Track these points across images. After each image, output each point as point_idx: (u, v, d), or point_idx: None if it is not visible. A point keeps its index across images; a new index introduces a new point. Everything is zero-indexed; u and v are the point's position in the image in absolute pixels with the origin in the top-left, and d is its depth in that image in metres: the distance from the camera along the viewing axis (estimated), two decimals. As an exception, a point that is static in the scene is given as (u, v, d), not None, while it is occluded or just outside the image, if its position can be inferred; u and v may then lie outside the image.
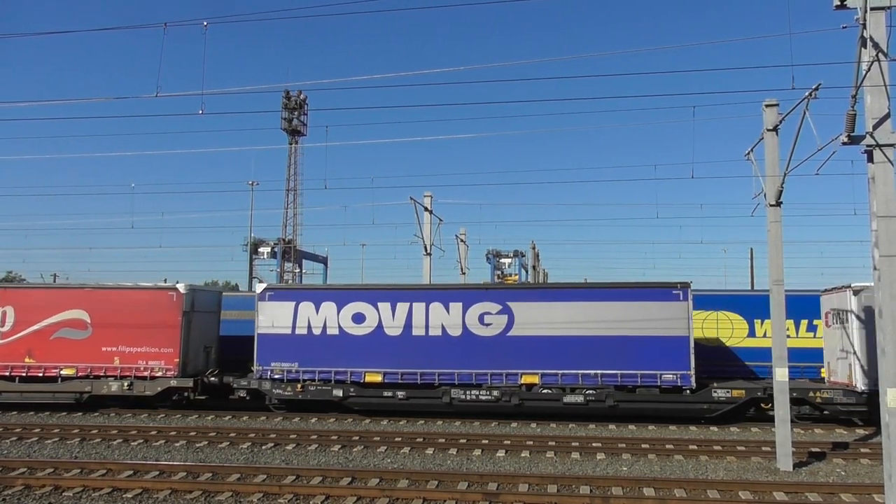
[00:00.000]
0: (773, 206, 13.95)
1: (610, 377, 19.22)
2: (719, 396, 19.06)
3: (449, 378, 19.87)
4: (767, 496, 11.58)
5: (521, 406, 19.48)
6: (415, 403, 20.05)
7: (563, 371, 19.44)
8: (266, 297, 20.97)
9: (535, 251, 52.22)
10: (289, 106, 52.19)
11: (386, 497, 11.37)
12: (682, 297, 19.23)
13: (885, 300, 9.23)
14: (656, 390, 19.09)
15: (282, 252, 49.84)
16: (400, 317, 20.38)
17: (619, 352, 19.26)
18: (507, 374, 19.70)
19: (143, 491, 11.83)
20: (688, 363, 18.91)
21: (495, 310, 20.04)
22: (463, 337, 20.06)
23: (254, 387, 20.71)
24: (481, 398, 19.60)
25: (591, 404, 19.15)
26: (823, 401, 18.73)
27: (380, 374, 20.09)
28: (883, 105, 9.37)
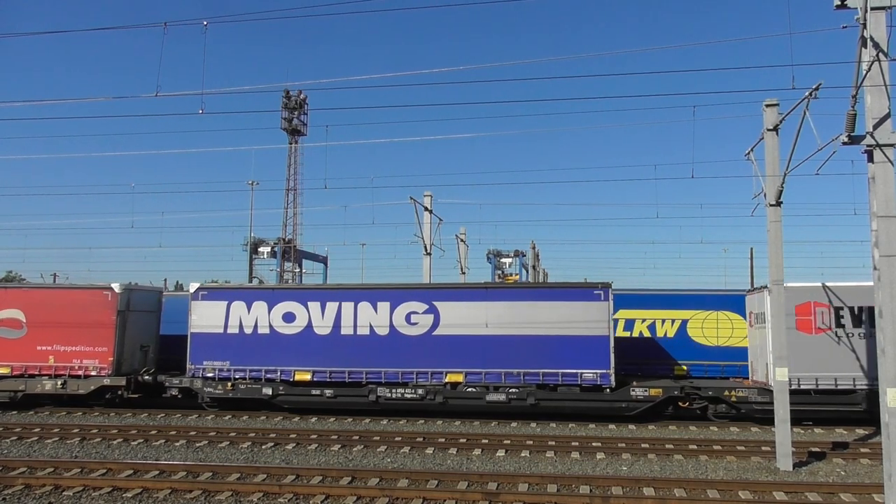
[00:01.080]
0: (773, 205, 13.95)
1: (532, 376, 19.52)
2: (637, 395, 19.34)
3: (376, 376, 20.18)
4: (767, 496, 11.59)
5: (445, 404, 19.84)
6: (342, 401, 20.39)
7: (486, 370, 19.74)
8: (199, 296, 21.29)
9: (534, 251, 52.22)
10: (289, 105, 52.14)
11: (386, 496, 11.37)
12: (603, 298, 19.52)
13: (884, 300, 9.24)
14: (577, 389, 19.40)
15: (282, 252, 49.81)
16: (329, 316, 20.69)
17: (542, 351, 19.58)
18: (433, 372, 19.97)
19: (143, 490, 11.83)
20: (608, 362, 19.22)
21: (422, 309, 20.33)
22: (390, 336, 20.35)
23: (185, 385, 21.04)
24: (406, 396, 19.90)
25: (513, 402, 19.50)
26: (739, 399, 19.13)
27: (309, 373, 20.42)
28: (883, 105, 9.37)
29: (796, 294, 18.70)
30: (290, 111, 52.36)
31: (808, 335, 18.54)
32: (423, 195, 27.84)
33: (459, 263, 35.61)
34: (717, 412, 19.62)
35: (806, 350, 18.43)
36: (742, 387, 19.37)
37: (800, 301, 18.72)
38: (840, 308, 18.49)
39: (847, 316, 18.50)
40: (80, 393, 21.16)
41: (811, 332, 18.56)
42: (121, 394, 21.38)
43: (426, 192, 27.95)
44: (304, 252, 53.30)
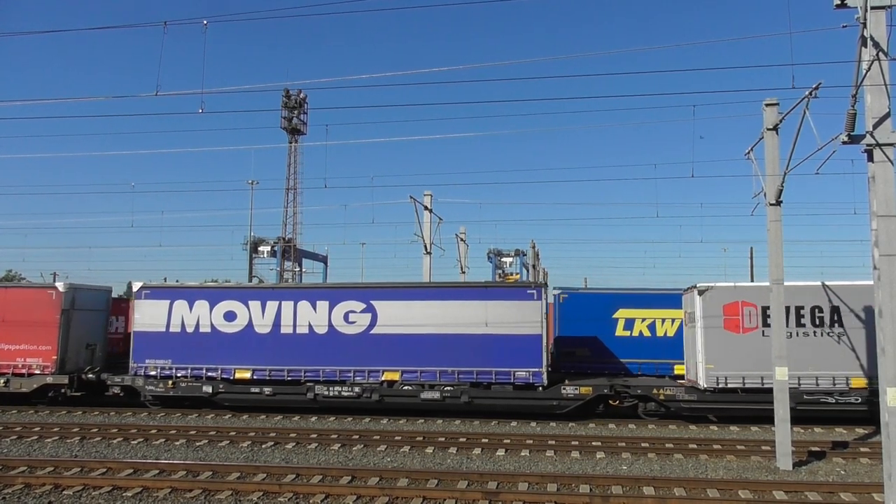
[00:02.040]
0: (773, 205, 13.95)
1: (467, 374, 19.74)
2: (568, 393, 19.55)
3: (315, 375, 20.43)
4: (767, 495, 11.59)
5: (381, 402, 20.08)
6: (281, 399, 20.58)
7: (422, 368, 19.98)
8: (142, 295, 21.52)
9: (534, 250, 52.21)
10: (288, 105, 52.06)
11: (386, 496, 11.38)
12: (537, 297, 19.76)
13: (884, 299, 9.24)
14: (510, 387, 19.58)
15: (281, 251, 49.76)
16: (269, 315, 20.94)
17: (476, 350, 19.80)
18: (370, 371, 20.23)
19: (143, 489, 11.84)
20: (540, 361, 19.44)
21: (360, 308, 20.56)
22: (329, 335, 20.58)
23: (127, 383, 21.25)
24: (343, 394, 20.14)
25: (447, 400, 19.74)
26: (667, 398, 19.33)
27: (249, 371, 20.70)
28: (883, 104, 9.37)
29: (724, 294, 19.04)
30: (289, 110, 52.28)
31: (736, 335, 18.85)
32: (423, 194, 27.84)
33: (459, 263, 35.63)
34: (646, 410, 19.90)
35: (734, 349, 18.76)
36: (670, 385, 19.64)
37: (727, 301, 18.99)
38: (767, 308, 18.69)
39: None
40: (23, 391, 21.38)
41: (739, 332, 18.87)
42: (64, 392, 21.59)
43: (426, 191, 27.95)
44: (304, 251, 53.26)
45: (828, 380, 18.41)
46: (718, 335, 18.83)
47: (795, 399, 18.06)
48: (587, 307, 23.86)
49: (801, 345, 18.50)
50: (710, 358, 18.77)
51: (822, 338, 18.57)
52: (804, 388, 18.37)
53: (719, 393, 18.78)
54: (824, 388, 18.41)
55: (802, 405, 18.27)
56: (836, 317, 18.63)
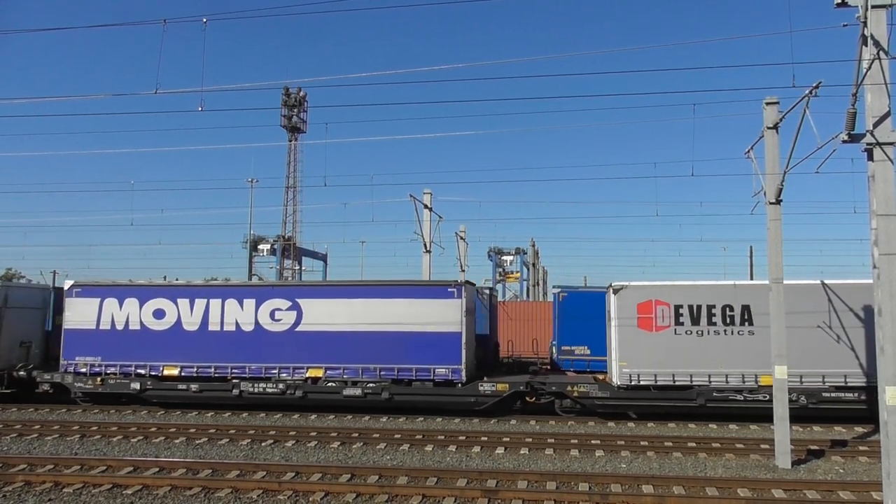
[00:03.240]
0: (772, 204, 13.96)
1: (388, 371, 20.07)
2: (485, 390, 19.82)
3: (241, 372, 20.74)
4: (766, 493, 11.61)
5: (305, 399, 20.32)
6: (207, 396, 20.85)
7: (345, 365, 20.31)
8: (73, 293, 21.74)
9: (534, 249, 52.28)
10: (288, 103, 52.08)
11: (385, 493, 11.39)
12: (457, 295, 20.09)
13: (884, 298, 9.24)
14: (430, 384, 19.90)
15: (281, 249, 49.82)
16: (198, 313, 21.19)
17: (398, 347, 20.12)
18: (295, 367, 20.53)
19: (142, 487, 11.85)
20: (459, 358, 19.79)
21: (285, 306, 20.88)
22: (255, 332, 20.89)
23: (57, 380, 21.50)
24: (268, 391, 20.43)
25: (368, 397, 20.05)
26: (580, 394, 19.50)
27: (177, 368, 20.97)
28: (883, 103, 9.37)
29: (638, 293, 19.29)
30: (289, 108, 52.30)
31: (650, 333, 19.09)
32: (423, 193, 27.83)
33: (459, 261, 35.61)
34: (562, 407, 20.13)
35: (647, 347, 19.01)
36: (585, 382, 19.83)
37: (641, 300, 19.24)
38: (680, 306, 19.00)
39: (686, 314, 19.04)
40: None
41: (652, 331, 19.09)
42: None
43: (426, 189, 27.93)
44: (304, 250, 53.30)
45: (738, 377, 18.69)
46: (632, 333, 19.13)
47: (705, 396, 18.65)
48: (587, 305, 23.88)
49: (713, 343, 18.85)
50: (623, 356, 19.08)
51: (733, 336, 18.86)
52: (714, 385, 18.69)
53: (632, 390, 19.09)
54: (734, 386, 18.68)
55: (712, 402, 18.62)
56: (746, 315, 18.91)
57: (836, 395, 18.32)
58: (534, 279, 54.63)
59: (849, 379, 18.31)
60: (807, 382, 18.40)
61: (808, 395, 18.33)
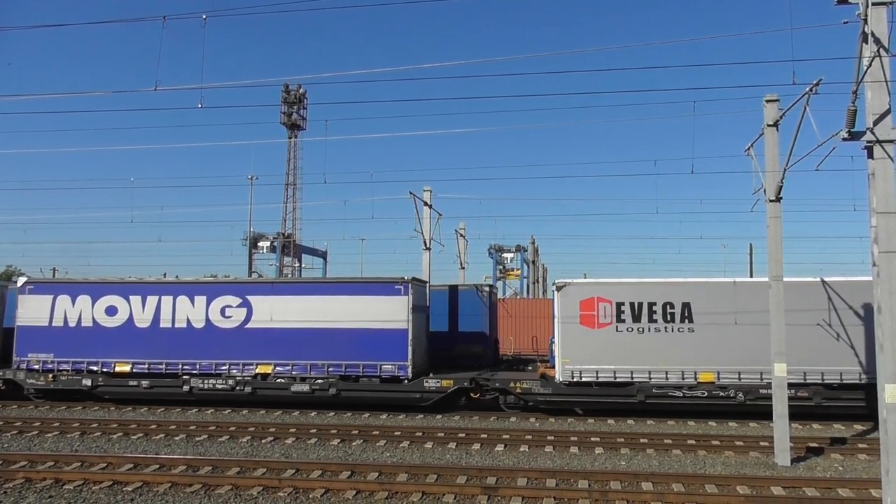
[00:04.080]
0: (772, 201, 13.96)
1: (336, 367, 20.32)
2: (430, 386, 20.05)
3: (192, 368, 20.95)
4: (765, 491, 11.62)
5: (254, 394, 20.58)
6: (158, 392, 21.08)
7: (294, 361, 20.53)
8: (26, 290, 21.94)
9: (534, 246, 52.28)
10: (288, 100, 51.96)
11: (385, 491, 11.41)
12: (403, 292, 20.33)
13: (883, 296, 9.25)
14: (377, 380, 20.15)
15: (281, 247, 49.78)
16: (149, 310, 21.39)
17: (346, 344, 20.35)
18: (245, 364, 20.77)
19: (143, 484, 11.86)
20: (405, 355, 20.04)
21: (236, 303, 21.09)
22: (206, 329, 21.10)
23: (9, 377, 21.68)
24: (217, 387, 20.66)
25: (316, 393, 20.27)
26: (523, 391, 19.68)
27: (129, 364, 21.14)
28: (883, 101, 9.36)
29: (581, 290, 19.48)
30: (289, 105, 52.18)
31: (592, 329, 19.27)
32: (423, 190, 27.77)
33: (459, 258, 35.63)
34: (507, 403, 20.33)
35: (589, 344, 19.19)
36: (528, 378, 20.01)
37: (584, 297, 19.40)
38: (622, 304, 19.18)
39: (627, 311, 19.22)
40: None
41: (594, 327, 19.27)
42: None
43: (426, 186, 27.86)
44: (304, 247, 53.24)
45: (677, 374, 18.85)
46: (575, 330, 19.30)
47: (645, 392, 18.85)
48: None
49: (653, 340, 19.04)
50: (566, 352, 19.28)
51: (673, 333, 19.03)
52: (654, 381, 18.87)
53: (574, 386, 19.28)
54: (673, 383, 18.85)
55: (652, 399, 18.81)
56: (686, 313, 19.06)
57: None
58: (534, 276, 54.65)
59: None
60: (745, 379, 18.68)
61: (745, 392, 18.60)
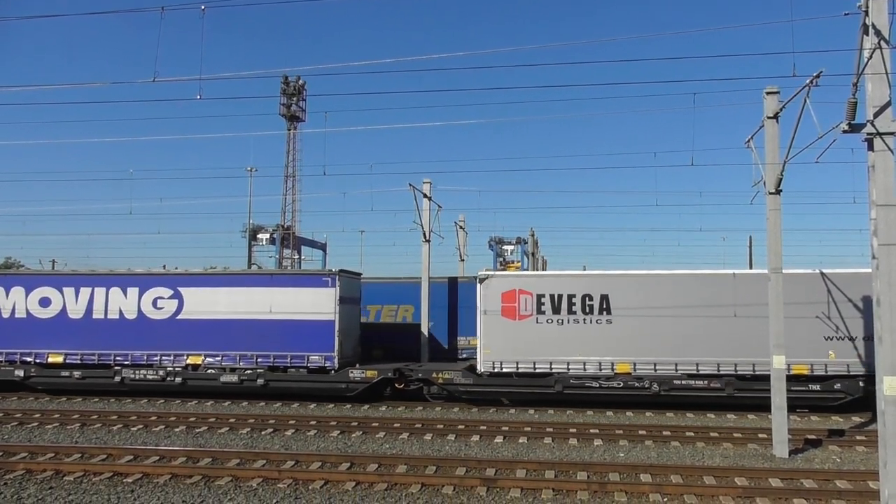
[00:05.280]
0: (772, 193, 13.94)
1: (265, 358, 20.64)
2: (355, 377, 20.33)
3: (124, 359, 21.24)
4: (763, 482, 11.66)
5: (184, 385, 20.86)
6: (90, 383, 21.35)
7: (224, 352, 20.85)
8: None
9: (533, 238, 52.23)
10: (287, 91, 51.78)
11: (384, 482, 11.44)
12: (331, 284, 20.63)
13: (882, 289, 9.24)
14: (305, 370, 20.47)
15: (280, 238, 49.71)
16: (83, 301, 21.73)
17: (274, 335, 20.67)
18: (176, 355, 21.04)
19: (143, 476, 11.89)
20: (332, 345, 20.34)
21: (167, 294, 21.37)
22: (138, 320, 21.40)
23: None
24: (149, 377, 20.99)
25: (245, 383, 20.58)
26: (445, 381, 19.93)
27: (62, 355, 21.42)
28: (884, 93, 9.32)
29: (503, 282, 19.75)
30: (288, 97, 52.00)
31: (513, 321, 19.53)
32: (423, 182, 27.71)
33: (458, 250, 35.61)
34: (431, 393, 20.65)
35: (510, 335, 19.44)
36: (450, 369, 20.21)
37: (506, 289, 19.62)
38: (542, 295, 19.40)
39: (548, 303, 19.45)
40: None
41: (515, 319, 19.51)
42: None
43: (425, 178, 27.80)
44: (303, 239, 53.16)
45: (595, 365, 19.09)
46: (496, 321, 19.53)
47: (563, 383, 19.09)
48: None
49: (572, 332, 19.29)
50: (487, 343, 19.50)
51: (591, 325, 19.26)
52: (573, 372, 19.11)
53: (495, 377, 19.50)
54: (591, 374, 19.06)
55: (570, 389, 19.07)
56: (604, 305, 19.30)
57: (687, 382, 18.86)
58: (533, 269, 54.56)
59: (700, 367, 18.85)
60: (660, 370, 18.91)
61: (660, 383, 18.80)
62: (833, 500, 10.75)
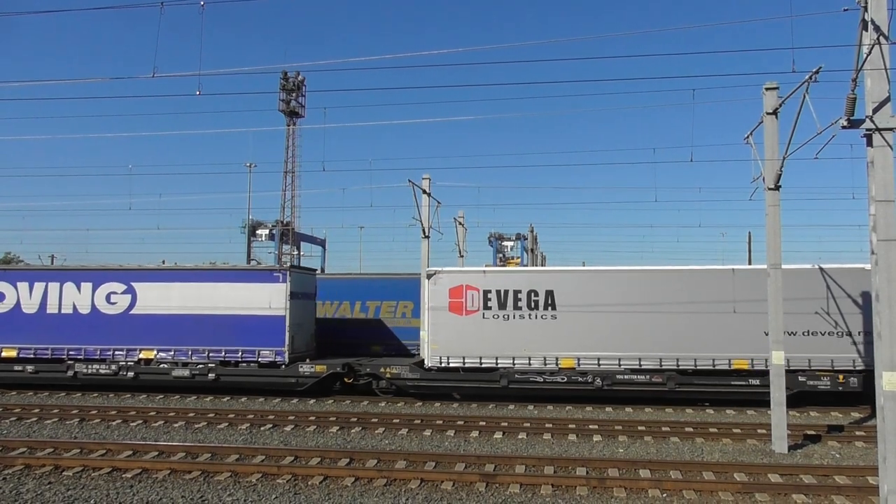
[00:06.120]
0: (771, 189, 13.93)
1: (216, 353, 20.84)
2: (305, 371, 20.52)
3: (77, 353, 21.42)
4: (762, 478, 11.67)
5: (137, 379, 21.03)
6: (43, 377, 21.45)
7: (176, 347, 21.05)
8: None
9: (532, 234, 52.21)
10: (287, 87, 51.74)
11: (384, 478, 11.45)
12: (282, 280, 20.88)
13: (882, 284, 9.24)
14: (256, 365, 20.71)
15: (280, 234, 49.75)
16: (37, 296, 21.93)
17: (226, 330, 20.90)
18: (129, 349, 21.22)
19: (142, 471, 11.90)
20: (283, 341, 20.59)
21: (121, 289, 21.57)
22: (92, 315, 21.60)
23: None
24: (101, 372, 21.13)
25: (196, 377, 20.77)
26: (392, 376, 20.11)
27: (15, 350, 21.62)
28: (883, 89, 9.31)
29: (450, 278, 19.94)
30: (287, 93, 51.97)
31: (460, 317, 19.78)
32: (422, 178, 27.67)
33: (458, 246, 35.56)
34: (380, 387, 20.65)
35: (457, 331, 19.70)
36: (397, 364, 20.41)
37: (453, 285, 19.88)
38: (488, 291, 19.64)
39: (494, 299, 19.69)
40: None
41: (462, 314, 19.76)
42: None
43: (425, 174, 27.77)
44: (303, 235, 53.19)
45: (539, 360, 19.33)
46: (444, 317, 19.78)
47: (508, 378, 19.33)
48: None
49: (518, 327, 19.52)
50: (435, 339, 19.76)
51: (536, 320, 19.47)
52: (518, 367, 19.35)
53: (442, 371, 19.74)
54: (536, 368, 19.30)
55: (515, 384, 19.30)
56: (549, 301, 19.51)
57: (630, 377, 19.05)
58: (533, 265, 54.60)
59: (643, 362, 19.04)
60: (604, 365, 19.11)
61: (603, 377, 18.99)
62: (832, 495, 10.76)
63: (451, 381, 19.82)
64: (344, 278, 27.09)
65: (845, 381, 18.07)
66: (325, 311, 25.25)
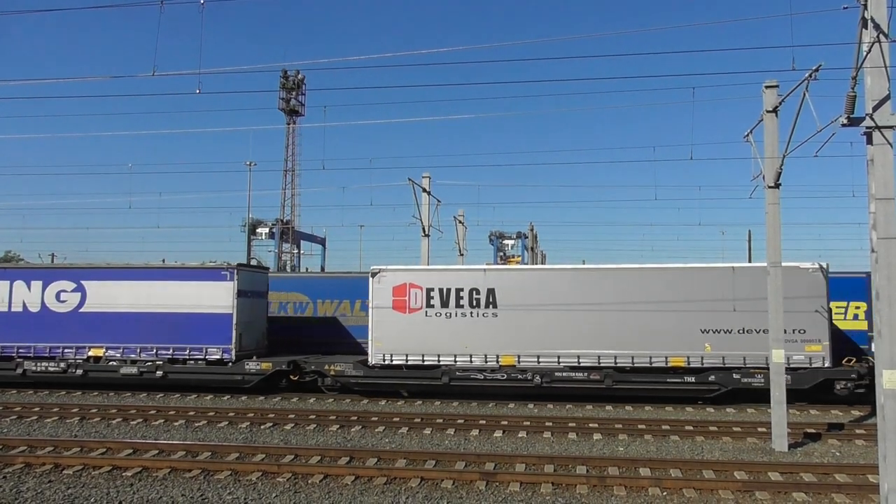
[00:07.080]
0: (771, 187, 13.93)
1: (164, 350, 21.08)
2: (251, 369, 20.77)
3: (27, 351, 21.65)
4: (762, 476, 11.67)
5: (85, 377, 21.21)
6: None
7: (125, 345, 21.26)
8: None
9: (532, 232, 52.21)
10: (287, 86, 51.79)
11: (384, 476, 11.45)
12: (229, 278, 21.09)
13: (881, 283, 9.23)
14: (203, 362, 20.92)
15: (280, 233, 49.79)
16: None
17: (174, 327, 21.10)
18: (78, 347, 21.44)
19: (142, 469, 11.90)
20: (230, 338, 20.86)
21: (70, 288, 21.74)
22: (41, 313, 21.82)
23: None
24: (50, 370, 21.34)
25: (144, 375, 20.95)
26: (337, 373, 20.21)
27: None
28: (883, 87, 9.30)
29: (394, 276, 20.14)
30: (287, 91, 52.02)
31: (403, 314, 19.97)
32: (422, 176, 27.69)
33: (458, 245, 35.56)
34: (325, 385, 20.73)
35: (400, 328, 19.89)
36: (341, 361, 20.56)
37: (397, 283, 20.08)
38: (431, 289, 19.89)
39: (437, 297, 19.88)
40: None
41: (405, 312, 19.96)
42: None
43: (425, 173, 27.79)
44: (302, 233, 53.23)
45: (480, 357, 19.51)
46: (388, 315, 19.98)
47: (450, 375, 19.46)
48: None
49: (460, 325, 19.71)
50: (378, 336, 19.95)
51: (478, 318, 19.67)
52: (459, 364, 19.52)
53: (385, 369, 19.91)
54: (477, 366, 19.47)
55: (456, 381, 19.44)
56: (491, 299, 19.69)
57: (569, 374, 19.17)
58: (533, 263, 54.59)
59: (582, 360, 19.21)
60: (543, 363, 19.27)
61: (542, 375, 19.13)
62: (832, 493, 10.76)
63: (394, 379, 20.00)
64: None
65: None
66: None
